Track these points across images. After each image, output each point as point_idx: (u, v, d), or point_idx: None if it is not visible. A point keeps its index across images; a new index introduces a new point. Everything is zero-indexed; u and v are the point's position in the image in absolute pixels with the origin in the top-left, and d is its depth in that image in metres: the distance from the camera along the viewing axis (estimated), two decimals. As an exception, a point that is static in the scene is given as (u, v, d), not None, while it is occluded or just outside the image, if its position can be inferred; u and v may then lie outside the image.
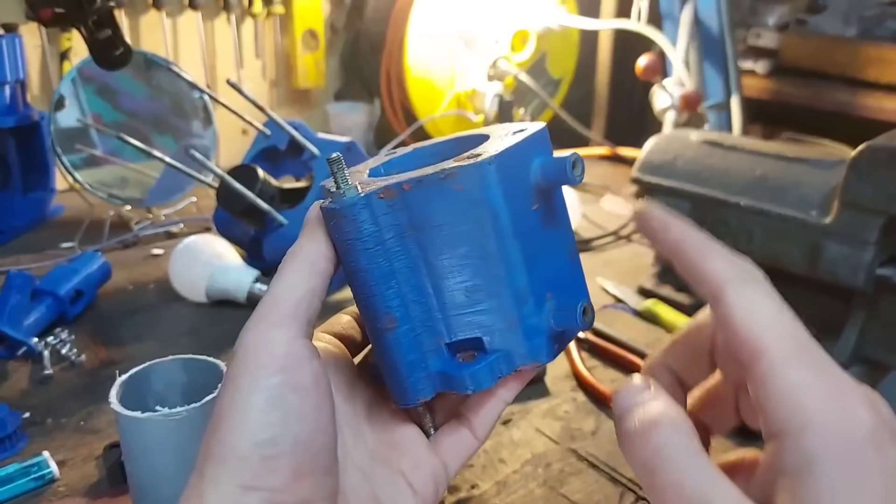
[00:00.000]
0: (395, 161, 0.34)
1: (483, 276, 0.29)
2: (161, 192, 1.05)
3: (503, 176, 0.28)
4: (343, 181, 0.28)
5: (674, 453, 0.23)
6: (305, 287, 0.29)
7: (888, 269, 0.64)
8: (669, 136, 0.85)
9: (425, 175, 0.28)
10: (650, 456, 0.23)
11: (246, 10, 1.28)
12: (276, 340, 0.28)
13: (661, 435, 0.23)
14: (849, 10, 1.49)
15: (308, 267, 0.29)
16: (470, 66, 1.35)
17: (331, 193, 0.29)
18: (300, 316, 0.29)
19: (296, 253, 0.30)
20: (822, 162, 0.71)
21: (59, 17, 0.77)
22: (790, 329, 0.23)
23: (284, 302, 0.29)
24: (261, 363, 0.27)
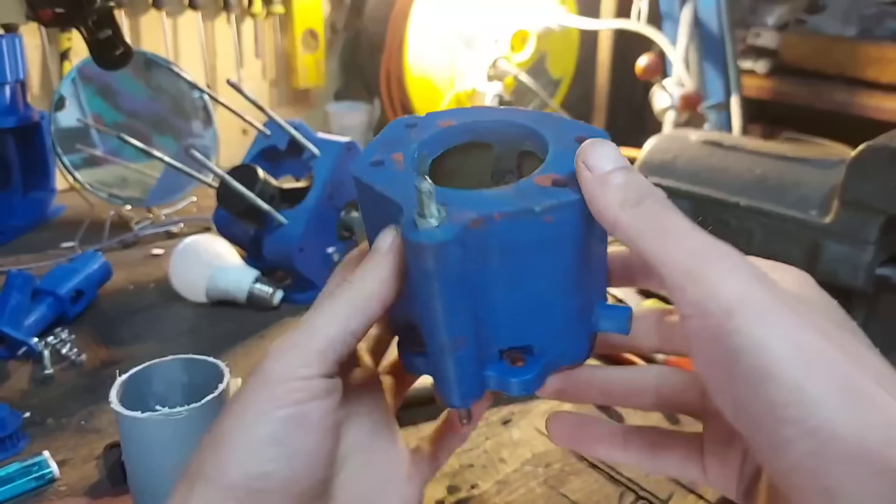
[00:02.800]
0: (432, 139, 0.33)
1: (551, 292, 0.29)
2: (161, 192, 1.05)
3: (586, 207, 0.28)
4: (433, 213, 0.26)
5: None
6: (346, 326, 0.28)
7: (888, 268, 0.64)
8: (669, 136, 0.85)
9: (518, 208, 0.27)
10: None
11: (246, 10, 1.28)
12: (297, 374, 0.27)
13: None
14: (848, 10, 1.49)
15: (359, 305, 0.28)
16: (470, 66, 1.35)
17: (417, 224, 0.26)
18: (330, 354, 0.28)
19: (352, 285, 0.28)
20: (822, 162, 0.71)
21: (59, 18, 0.77)
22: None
23: (319, 336, 0.28)
24: (274, 394, 0.27)
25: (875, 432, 0.20)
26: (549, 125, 0.32)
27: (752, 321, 0.22)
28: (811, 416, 0.21)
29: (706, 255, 0.24)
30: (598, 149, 0.28)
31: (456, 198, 0.28)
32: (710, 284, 0.23)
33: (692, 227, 0.25)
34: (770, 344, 0.22)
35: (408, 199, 0.28)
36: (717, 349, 0.23)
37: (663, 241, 0.25)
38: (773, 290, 0.23)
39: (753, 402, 0.22)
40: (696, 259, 0.24)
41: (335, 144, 0.80)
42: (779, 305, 0.23)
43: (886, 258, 0.64)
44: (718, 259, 0.24)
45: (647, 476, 0.53)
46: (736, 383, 0.22)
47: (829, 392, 0.21)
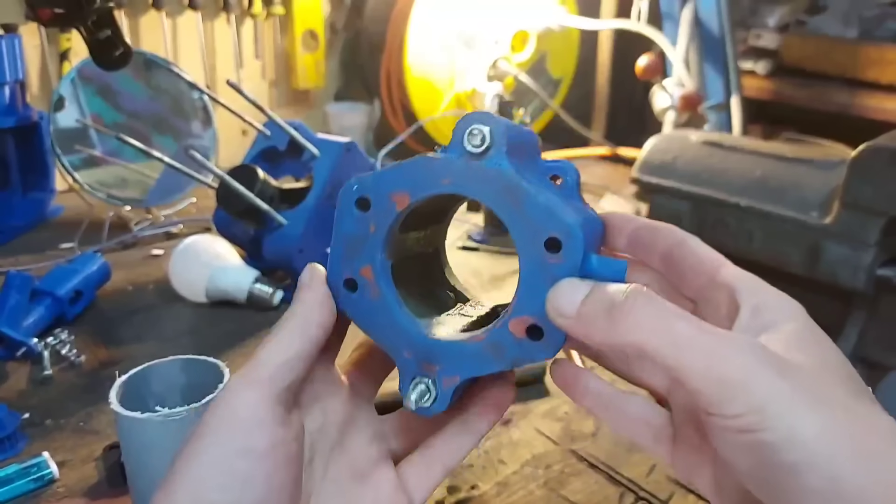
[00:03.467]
0: (389, 234, 0.32)
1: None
2: (161, 193, 1.05)
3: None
4: (429, 395, 0.31)
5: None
6: (290, 352, 0.29)
7: (888, 269, 0.64)
8: (669, 137, 0.85)
9: (498, 370, 0.30)
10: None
11: (246, 10, 1.28)
12: (245, 402, 0.28)
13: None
14: (849, 11, 1.49)
15: (297, 331, 0.30)
16: (470, 67, 1.35)
17: (413, 402, 0.31)
18: (278, 380, 0.28)
19: (292, 314, 0.30)
20: (823, 162, 0.71)
21: (59, 18, 0.77)
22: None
23: (267, 363, 0.29)
24: (222, 423, 0.27)
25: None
26: (509, 203, 0.28)
27: (782, 419, 0.23)
28: (845, 498, 0.22)
29: (721, 356, 0.24)
30: (561, 293, 0.27)
31: (440, 354, 0.30)
32: (733, 387, 0.23)
33: (692, 323, 0.25)
34: (803, 440, 0.22)
35: (396, 349, 0.31)
36: (746, 443, 0.23)
37: (673, 350, 0.24)
38: (793, 380, 0.23)
39: (786, 489, 0.23)
40: (712, 362, 0.24)
41: (335, 145, 0.80)
42: (803, 396, 0.23)
43: (887, 259, 0.64)
44: (735, 357, 0.24)
45: (648, 476, 0.53)
46: (767, 473, 0.23)
47: (862, 476, 0.22)
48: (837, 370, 0.26)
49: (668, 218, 0.79)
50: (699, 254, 0.31)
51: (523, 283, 0.28)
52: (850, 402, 0.24)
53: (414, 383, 0.30)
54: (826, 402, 0.23)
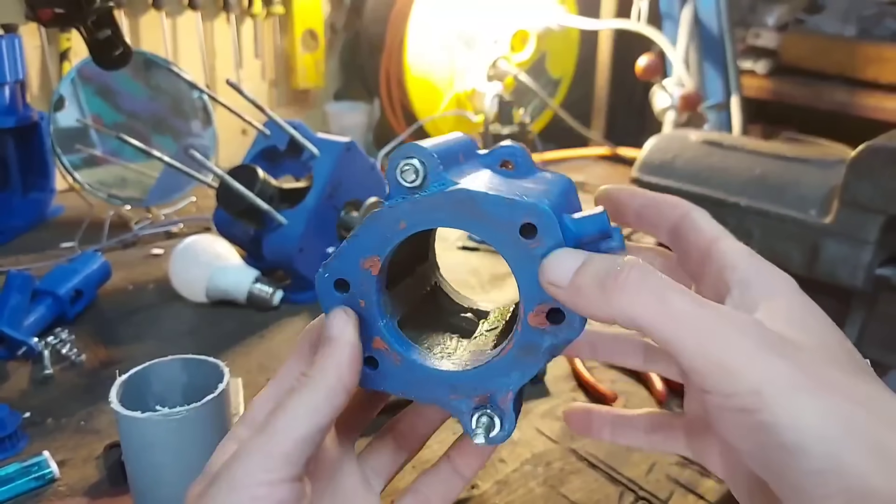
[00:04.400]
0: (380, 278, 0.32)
1: None
2: (161, 192, 1.05)
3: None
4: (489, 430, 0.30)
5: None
6: (312, 425, 0.27)
7: (887, 268, 0.64)
8: (669, 136, 0.85)
9: (535, 373, 0.30)
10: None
11: (245, 10, 1.28)
12: (262, 480, 0.26)
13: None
14: (848, 10, 1.49)
15: (322, 401, 0.27)
16: (470, 66, 1.35)
17: (476, 438, 0.30)
18: (296, 457, 0.26)
19: (313, 380, 0.28)
20: (822, 162, 0.71)
21: (59, 18, 0.77)
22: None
23: (284, 438, 0.26)
24: (238, 500, 0.26)
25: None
26: (468, 215, 0.28)
27: (780, 399, 0.22)
28: (846, 478, 0.21)
29: (718, 334, 0.23)
30: (553, 263, 0.27)
31: (484, 381, 0.30)
32: (730, 368, 0.23)
33: (687, 298, 0.24)
34: (801, 420, 0.22)
35: (441, 399, 0.30)
36: (745, 423, 0.23)
37: (668, 325, 0.24)
38: (792, 360, 0.23)
39: (787, 469, 0.22)
40: (709, 341, 0.23)
41: (335, 144, 0.80)
42: (802, 376, 0.23)
43: (886, 258, 0.64)
44: (731, 335, 0.23)
45: (647, 476, 0.53)
46: (768, 453, 0.23)
47: (862, 455, 0.21)
48: (835, 347, 0.25)
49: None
50: (699, 227, 0.30)
51: (520, 278, 0.28)
52: (850, 380, 0.23)
53: (476, 420, 0.30)
54: (825, 383, 0.23)
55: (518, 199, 0.27)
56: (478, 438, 0.29)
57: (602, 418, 0.35)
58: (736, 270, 0.27)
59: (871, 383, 0.24)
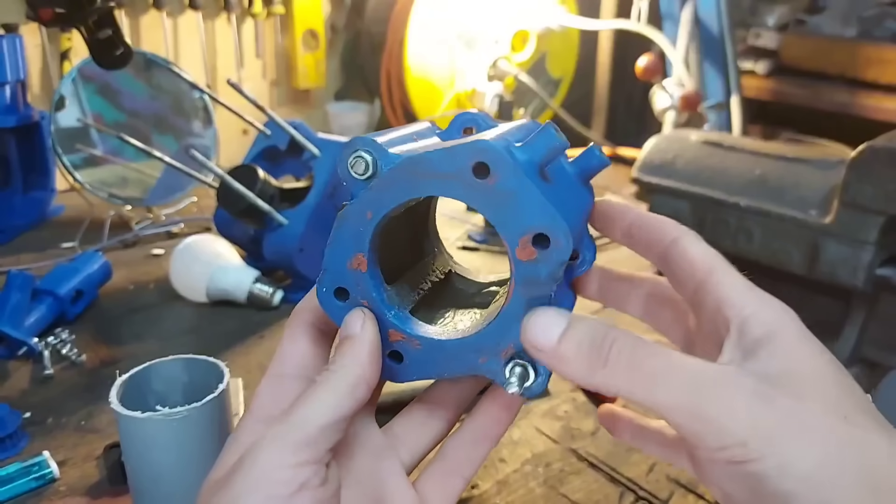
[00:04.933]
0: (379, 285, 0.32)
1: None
2: (161, 192, 1.05)
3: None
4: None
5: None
6: (336, 414, 0.27)
7: (887, 269, 0.64)
8: (669, 136, 0.85)
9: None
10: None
11: (246, 10, 1.28)
12: (287, 463, 0.26)
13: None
14: (848, 11, 1.49)
15: (346, 392, 0.28)
16: (470, 66, 1.35)
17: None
18: (321, 443, 0.27)
19: (336, 373, 0.28)
20: (822, 162, 0.71)
21: (60, 17, 0.77)
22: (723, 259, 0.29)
23: (309, 425, 0.27)
24: (262, 484, 0.26)
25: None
26: (422, 180, 0.28)
27: (768, 449, 0.22)
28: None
29: (701, 390, 0.24)
30: (535, 326, 0.27)
31: (504, 334, 0.29)
32: (716, 422, 0.23)
33: (670, 360, 0.24)
34: (790, 468, 0.22)
35: (471, 365, 0.30)
36: (735, 474, 0.23)
37: (651, 390, 0.24)
38: (780, 409, 0.23)
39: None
40: (692, 398, 0.23)
41: (335, 144, 0.80)
42: (791, 425, 0.23)
43: (886, 258, 0.64)
44: (715, 389, 0.23)
45: (647, 476, 0.53)
46: (761, 501, 0.23)
47: (855, 499, 0.22)
48: (831, 386, 0.25)
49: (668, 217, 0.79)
50: (690, 256, 0.30)
51: (493, 218, 0.27)
52: (842, 425, 0.23)
53: (509, 372, 0.29)
54: (817, 430, 0.23)
55: (457, 145, 0.27)
56: (512, 388, 0.28)
57: (625, 423, 0.36)
58: (734, 308, 0.27)
59: (866, 423, 0.24)
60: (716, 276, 0.28)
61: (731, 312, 0.27)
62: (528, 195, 0.26)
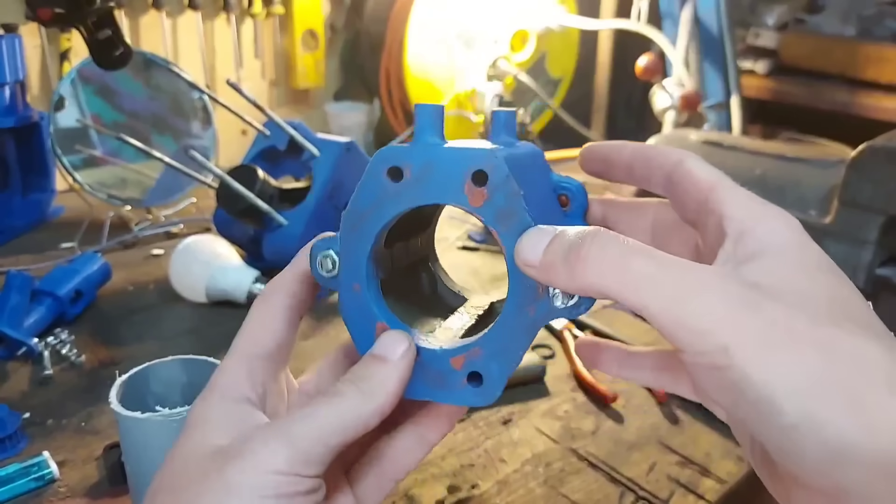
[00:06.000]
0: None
1: None
2: (161, 193, 1.05)
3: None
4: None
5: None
6: (348, 436, 0.27)
7: (888, 268, 0.64)
8: (669, 136, 0.85)
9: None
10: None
11: (245, 10, 1.28)
12: (293, 470, 0.26)
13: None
14: (848, 10, 1.49)
15: (364, 417, 0.28)
16: (470, 66, 1.35)
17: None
18: (328, 458, 0.27)
19: (361, 393, 0.28)
20: (822, 162, 0.71)
21: (59, 18, 0.77)
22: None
23: (322, 442, 0.27)
24: (263, 482, 0.26)
25: (884, 437, 0.21)
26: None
27: (749, 355, 0.22)
28: (822, 433, 0.21)
29: (685, 293, 0.23)
30: (524, 244, 0.27)
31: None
32: (696, 327, 0.23)
33: (659, 260, 0.24)
34: (771, 376, 0.22)
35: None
36: (718, 380, 0.23)
37: (633, 291, 0.24)
38: (764, 315, 0.23)
39: (763, 425, 0.22)
40: (674, 302, 0.23)
41: (335, 144, 0.80)
42: (774, 330, 0.22)
43: (886, 258, 0.64)
44: (699, 292, 0.23)
45: (648, 475, 0.53)
46: (743, 409, 0.23)
47: (838, 409, 0.21)
48: (825, 300, 0.24)
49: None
50: (694, 175, 0.29)
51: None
52: (833, 334, 0.23)
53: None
54: (799, 338, 0.22)
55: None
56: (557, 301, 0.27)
57: (610, 353, 0.34)
58: (733, 220, 0.26)
59: (860, 335, 0.23)
60: (718, 192, 0.28)
61: (730, 226, 0.26)
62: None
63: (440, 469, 0.53)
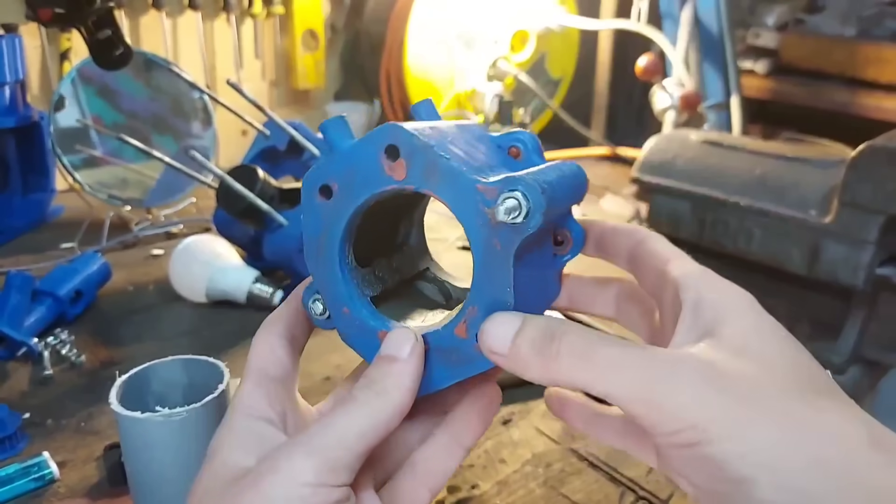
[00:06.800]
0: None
1: None
2: (161, 193, 1.05)
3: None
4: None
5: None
6: (372, 441, 0.27)
7: (887, 268, 0.64)
8: (669, 136, 0.85)
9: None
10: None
11: (246, 10, 1.28)
12: (325, 481, 0.26)
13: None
14: (848, 10, 1.49)
15: (385, 420, 0.28)
16: (470, 66, 1.35)
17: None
18: (356, 466, 0.27)
19: (378, 397, 0.28)
20: (822, 162, 0.71)
21: (59, 18, 0.77)
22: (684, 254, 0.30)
23: (352, 451, 0.27)
24: (301, 494, 0.26)
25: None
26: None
27: (721, 432, 0.22)
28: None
29: (652, 376, 0.23)
30: (491, 331, 0.27)
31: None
32: (667, 407, 0.23)
33: (622, 348, 0.24)
34: (747, 452, 0.22)
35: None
36: (692, 458, 0.23)
37: (605, 379, 0.24)
38: (731, 391, 0.23)
39: (738, 498, 0.22)
40: (644, 387, 0.23)
41: (335, 145, 0.80)
42: (743, 407, 0.23)
43: (886, 258, 0.64)
44: (667, 378, 0.23)
45: (648, 476, 0.53)
46: (719, 486, 0.23)
47: (815, 483, 0.21)
48: (787, 369, 0.25)
49: (668, 217, 0.79)
50: (654, 250, 0.30)
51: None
52: (798, 406, 0.23)
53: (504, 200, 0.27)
54: (771, 411, 0.23)
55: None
56: (499, 215, 0.26)
57: (576, 409, 0.35)
58: (689, 291, 0.27)
59: (823, 405, 0.23)
60: (674, 263, 0.29)
61: (686, 295, 0.27)
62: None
63: (440, 469, 0.53)
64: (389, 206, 0.31)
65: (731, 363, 0.24)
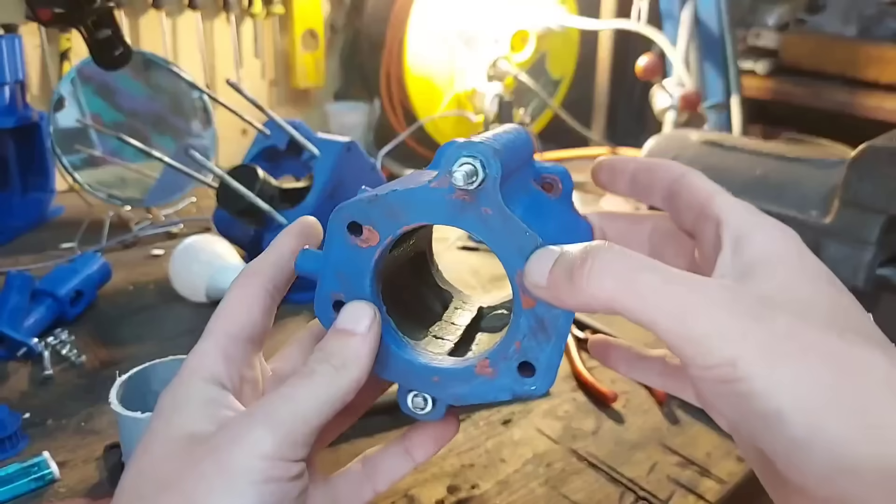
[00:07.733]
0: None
1: None
2: (161, 193, 1.05)
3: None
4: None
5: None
6: (329, 413, 0.28)
7: (888, 268, 0.64)
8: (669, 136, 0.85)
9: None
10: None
11: (245, 9, 1.28)
12: (282, 455, 0.26)
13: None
14: (848, 10, 1.49)
15: (341, 392, 0.28)
16: (470, 66, 1.35)
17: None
18: (311, 439, 0.27)
19: (335, 371, 0.28)
20: (822, 162, 0.71)
21: (59, 17, 0.77)
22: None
23: (307, 423, 0.27)
24: (253, 467, 0.26)
25: (890, 448, 0.21)
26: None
27: (756, 368, 0.22)
28: (830, 445, 0.21)
29: (688, 309, 0.23)
30: (531, 265, 0.27)
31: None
32: (703, 341, 0.23)
33: (664, 274, 0.24)
34: (778, 388, 0.22)
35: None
36: (725, 394, 0.23)
37: (639, 306, 0.23)
38: (769, 327, 0.23)
39: (770, 437, 0.22)
40: (679, 316, 0.23)
41: (335, 144, 0.80)
42: (779, 342, 0.22)
43: (886, 258, 0.64)
44: (703, 308, 0.23)
45: (648, 476, 0.53)
46: (750, 422, 0.23)
47: (845, 422, 0.21)
48: (827, 310, 0.24)
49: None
50: (694, 186, 0.29)
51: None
52: (838, 345, 0.23)
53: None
54: (806, 349, 0.22)
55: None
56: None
57: (620, 353, 0.35)
58: (730, 228, 0.27)
59: (863, 345, 0.23)
60: (716, 200, 0.28)
61: (727, 232, 0.27)
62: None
63: (440, 469, 0.53)
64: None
65: (771, 301, 0.24)
